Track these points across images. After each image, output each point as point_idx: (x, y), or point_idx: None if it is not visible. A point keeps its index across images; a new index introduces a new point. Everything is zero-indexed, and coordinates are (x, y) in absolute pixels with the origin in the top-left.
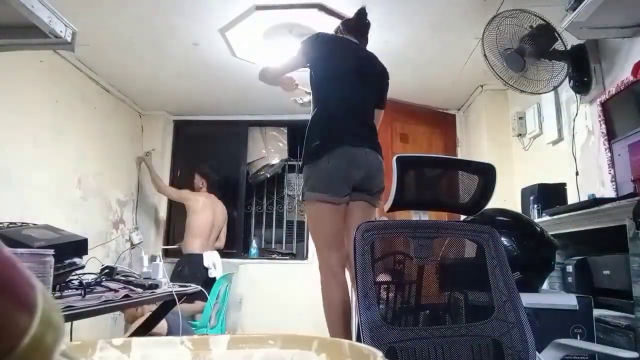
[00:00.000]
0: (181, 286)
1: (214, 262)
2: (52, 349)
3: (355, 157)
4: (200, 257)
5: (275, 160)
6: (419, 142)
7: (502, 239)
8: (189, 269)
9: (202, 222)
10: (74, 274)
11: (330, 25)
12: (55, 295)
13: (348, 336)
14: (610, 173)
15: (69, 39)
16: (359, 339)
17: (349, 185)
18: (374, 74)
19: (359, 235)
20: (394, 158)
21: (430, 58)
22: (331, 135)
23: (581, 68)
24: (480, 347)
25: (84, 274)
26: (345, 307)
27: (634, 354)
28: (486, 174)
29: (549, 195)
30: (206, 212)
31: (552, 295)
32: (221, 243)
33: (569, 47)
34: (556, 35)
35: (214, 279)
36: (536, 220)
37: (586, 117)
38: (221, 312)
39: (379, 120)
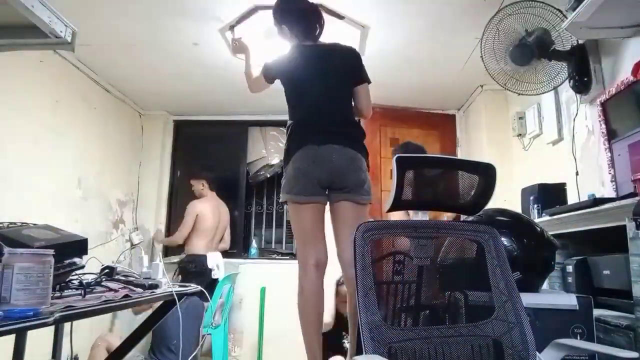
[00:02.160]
0: (181, 286)
1: (217, 264)
2: None
3: (320, 156)
4: (204, 257)
5: (275, 160)
6: None
7: (502, 239)
8: (196, 268)
9: (208, 224)
10: (74, 274)
11: (330, 25)
12: (55, 295)
13: (319, 326)
14: (610, 173)
15: (69, 39)
16: (359, 339)
17: (313, 184)
18: (334, 65)
19: (359, 235)
20: (394, 158)
21: (430, 58)
22: (297, 140)
23: (581, 68)
24: (480, 347)
25: (84, 274)
26: (317, 299)
27: (634, 354)
28: (486, 174)
29: (549, 195)
30: (212, 214)
31: (552, 295)
32: (226, 244)
33: (569, 47)
34: (556, 35)
35: (216, 280)
36: (536, 220)
37: (586, 117)
38: (225, 312)
39: (366, 95)
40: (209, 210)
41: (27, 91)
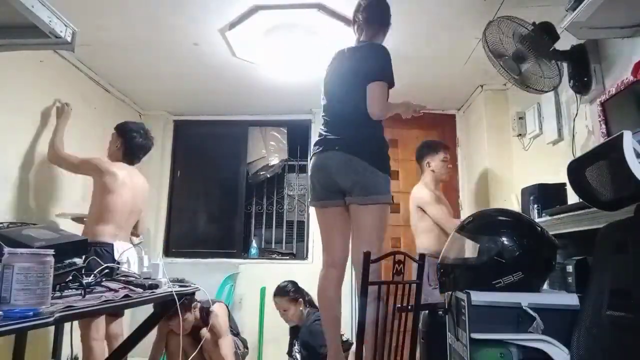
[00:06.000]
0: (181, 286)
1: (128, 257)
2: None
3: (321, 164)
4: (110, 247)
5: (275, 161)
6: (411, 146)
7: (503, 238)
8: (94, 261)
9: (118, 203)
10: (73, 274)
11: (330, 26)
12: (55, 295)
13: (334, 316)
14: None
15: (69, 39)
16: (359, 339)
17: (322, 190)
18: (350, 67)
19: None
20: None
21: (430, 58)
22: (314, 147)
23: (581, 68)
24: None
25: (84, 274)
26: (329, 293)
27: None
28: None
29: (549, 195)
30: (125, 190)
31: (554, 295)
32: (140, 230)
33: (568, 47)
34: (556, 35)
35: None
36: (536, 220)
37: (586, 117)
38: None
39: (371, 93)
40: (118, 179)
41: (27, 91)
